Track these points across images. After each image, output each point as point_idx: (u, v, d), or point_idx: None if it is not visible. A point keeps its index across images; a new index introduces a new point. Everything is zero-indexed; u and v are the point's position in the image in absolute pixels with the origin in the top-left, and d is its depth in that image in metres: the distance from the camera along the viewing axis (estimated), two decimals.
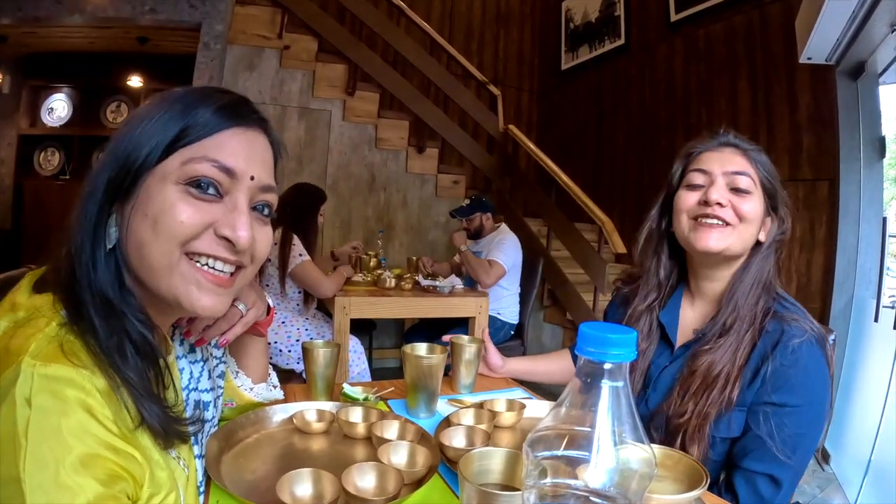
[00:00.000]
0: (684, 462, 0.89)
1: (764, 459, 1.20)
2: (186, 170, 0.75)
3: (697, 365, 1.27)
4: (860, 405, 3.42)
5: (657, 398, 1.36)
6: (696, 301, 1.42)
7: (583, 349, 0.57)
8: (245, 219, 0.78)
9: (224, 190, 0.78)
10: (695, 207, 1.31)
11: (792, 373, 1.18)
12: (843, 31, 3.09)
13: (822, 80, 3.89)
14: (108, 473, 0.64)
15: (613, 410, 0.56)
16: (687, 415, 1.25)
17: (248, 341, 1.16)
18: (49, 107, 7.18)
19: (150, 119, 0.76)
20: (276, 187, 0.86)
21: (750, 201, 1.27)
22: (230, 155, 0.77)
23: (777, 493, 1.20)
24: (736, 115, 4.67)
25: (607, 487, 0.55)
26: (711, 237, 1.27)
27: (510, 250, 4.12)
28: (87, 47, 6.46)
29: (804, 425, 1.19)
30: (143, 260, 0.75)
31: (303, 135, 5.48)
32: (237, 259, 0.80)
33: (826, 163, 3.91)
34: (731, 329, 1.26)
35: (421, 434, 1.16)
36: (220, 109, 0.78)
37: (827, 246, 3.89)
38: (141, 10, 4.73)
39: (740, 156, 1.30)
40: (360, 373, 3.44)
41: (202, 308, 0.78)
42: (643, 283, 1.47)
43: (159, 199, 0.74)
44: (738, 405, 1.23)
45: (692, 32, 5.23)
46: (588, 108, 6.79)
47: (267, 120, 0.86)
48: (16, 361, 0.63)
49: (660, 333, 1.43)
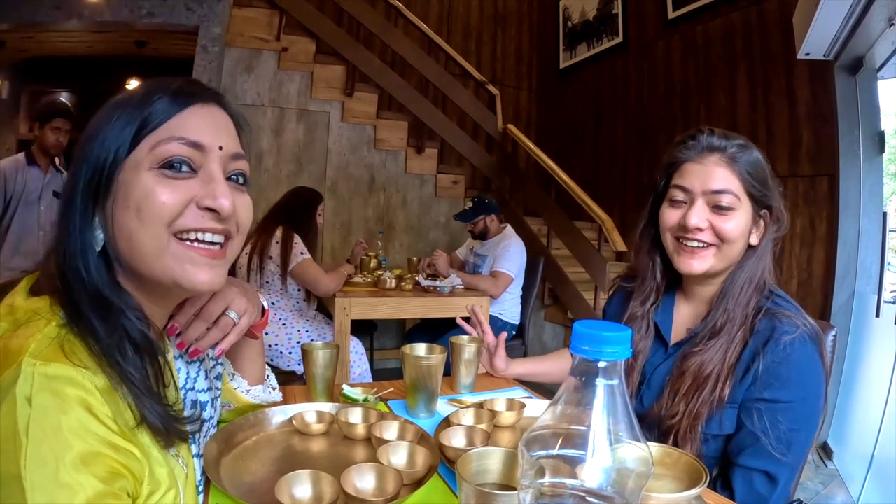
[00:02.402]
0: (684, 460, 0.89)
1: (760, 456, 1.20)
2: (157, 153, 0.76)
3: (687, 366, 1.27)
4: (862, 401, 3.42)
5: (651, 396, 1.37)
6: (689, 300, 1.42)
7: (577, 348, 0.56)
8: (223, 187, 0.80)
9: (196, 165, 0.79)
10: (676, 227, 1.30)
11: (783, 369, 1.18)
12: (840, 27, 3.08)
13: (821, 76, 3.89)
14: (108, 471, 0.65)
15: (609, 409, 0.56)
16: (678, 416, 1.25)
17: (243, 344, 1.15)
18: None
19: (110, 119, 0.78)
20: (245, 155, 0.88)
21: (732, 219, 1.25)
22: (195, 130, 0.79)
23: (774, 489, 1.20)
24: (735, 111, 4.67)
25: (604, 487, 0.55)
26: (693, 262, 1.28)
27: (515, 257, 4.09)
28: (86, 52, 6.47)
29: (798, 421, 1.19)
30: (134, 250, 0.76)
31: (302, 136, 5.48)
32: (224, 227, 0.81)
33: (825, 158, 3.91)
34: (722, 330, 1.26)
35: (420, 434, 1.16)
36: (175, 93, 0.80)
37: (827, 241, 3.88)
38: (138, 14, 4.73)
39: (723, 166, 1.25)
40: (362, 374, 3.44)
41: (201, 283, 0.79)
42: (639, 285, 1.48)
43: (137, 187, 0.75)
44: (730, 402, 1.23)
45: (690, 29, 5.23)
46: (587, 107, 6.79)
47: (221, 94, 0.88)
48: (16, 361, 0.64)
49: (655, 332, 1.43)
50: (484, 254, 4.26)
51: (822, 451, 3.51)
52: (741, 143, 1.27)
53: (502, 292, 3.99)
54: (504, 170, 6.49)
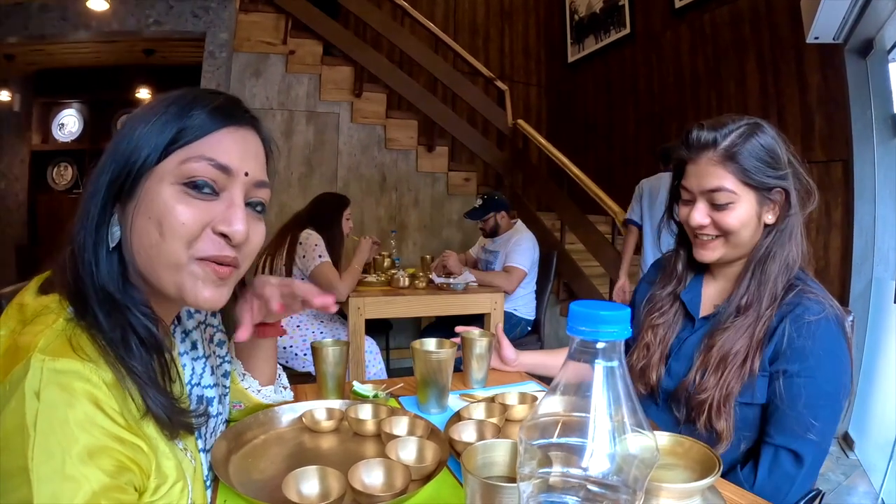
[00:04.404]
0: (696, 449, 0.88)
1: (784, 431, 1.21)
2: (184, 169, 0.77)
3: (714, 342, 1.29)
4: (883, 390, 3.38)
5: (679, 368, 1.38)
6: (717, 279, 1.45)
7: (574, 328, 0.55)
8: (241, 213, 0.80)
9: (220, 187, 0.80)
10: (687, 223, 1.36)
11: (808, 344, 1.20)
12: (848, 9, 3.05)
13: (831, 60, 3.85)
14: (114, 464, 0.65)
15: (609, 392, 0.54)
16: (710, 390, 1.26)
17: (255, 344, 1.16)
18: (60, 122, 7.27)
19: (147, 122, 0.78)
20: (269, 183, 0.88)
21: (732, 212, 1.28)
22: (224, 153, 0.80)
23: (800, 469, 1.21)
24: (745, 98, 4.64)
25: (607, 475, 0.54)
26: (705, 252, 1.35)
27: (527, 251, 4.06)
28: (95, 62, 6.52)
29: (821, 397, 1.20)
30: (152, 259, 0.77)
31: (311, 138, 5.49)
32: (234, 257, 0.81)
33: (839, 143, 3.87)
34: (750, 308, 1.28)
35: (430, 429, 1.15)
36: (213, 110, 0.81)
37: (843, 228, 3.84)
38: (145, 23, 4.77)
39: (715, 164, 1.27)
40: (377, 373, 3.44)
41: (204, 300, 0.80)
42: (664, 274, 1.53)
43: (159, 200, 0.76)
44: (761, 371, 1.25)
45: (697, 17, 5.20)
46: (597, 100, 6.77)
47: (258, 119, 0.89)
48: (25, 357, 0.65)
49: (682, 308, 1.46)
50: (495, 250, 4.25)
51: (844, 442, 3.47)
52: (740, 131, 1.26)
53: (516, 287, 3.97)
54: (516, 166, 6.47)
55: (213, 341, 1.11)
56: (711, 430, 1.25)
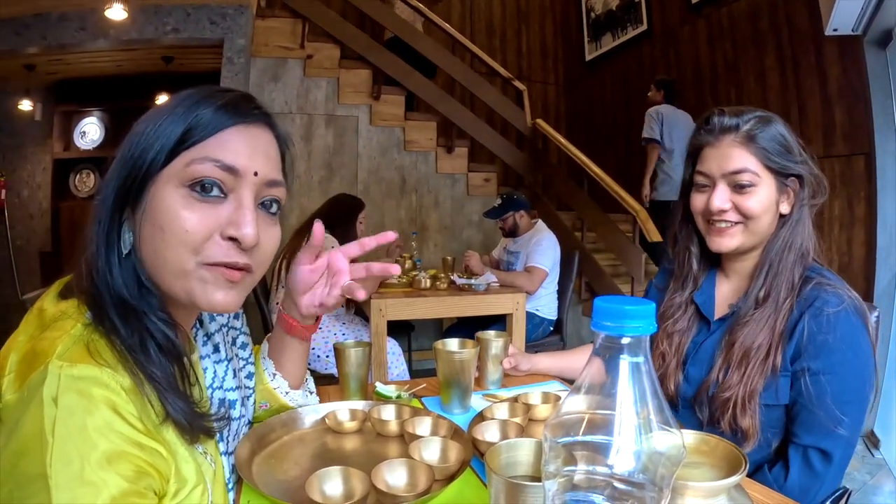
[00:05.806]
0: (721, 447, 0.86)
1: (813, 430, 1.20)
2: (190, 171, 0.75)
3: (735, 338, 1.28)
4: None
5: (698, 372, 1.37)
6: (730, 277, 1.43)
7: (599, 324, 0.54)
8: (250, 216, 0.78)
9: (228, 188, 0.78)
10: (704, 210, 1.34)
11: (830, 339, 1.18)
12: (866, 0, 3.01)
13: (851, 52, 3.80)
14: (133, 470, 0.65)
15: (635, 389, 0.53)
16: (734, 387, 1.25)
17: (289, 344, 1.16)
18: (81, 130, 7.36)
19: (153, 123, 0.77)
20: (284, 182, 0.86)
21: (753, 195, 1.27)
22: (232, 153, 0.78)
23: (829, 466, 1.19)
24: (765, 92, 4.59)
25: (633, 473, 0.52)
26: (723, 240, 1.32)
27: (548, 251, 4.05)
28: (115, 70, 6.59)
29: (847, 392, 1.19)
30: (158, 267, 0.77)
31: (331, 142, 5.51)
32: (245, 262, 0.79)
33: (860, 136, 3.81)
34: (767, 300, 1.27)
35: (454, 430, 1.15)
36: (220, 108, 0.79)
37: (867, 222, 3.79)
38: (163, 31, 4.82)
39: (738, 146, 1.27)
40: (399, 374, 3.44)
41: (217, 303, 0.79)
42: (677, 276, 1.51)
43: (163, 206, 0.75)
44: (783, 371, 1.23)
45: (715, 12, 5.16)
46: (615, 97, 6.74)
47: (270, 115, 0.87)
48: (43, 363, 0.64)
49: (696, 312, 1.44)
50: (517, 251, 4.24)
51: (869, 441, 3.42)
52: (758, 117, 1.28)
53: (538, 287, 3.96)
54: (535, 165, 6.45)
55: (235, 343, 1.11)
56: (736, 428, 1.24)
